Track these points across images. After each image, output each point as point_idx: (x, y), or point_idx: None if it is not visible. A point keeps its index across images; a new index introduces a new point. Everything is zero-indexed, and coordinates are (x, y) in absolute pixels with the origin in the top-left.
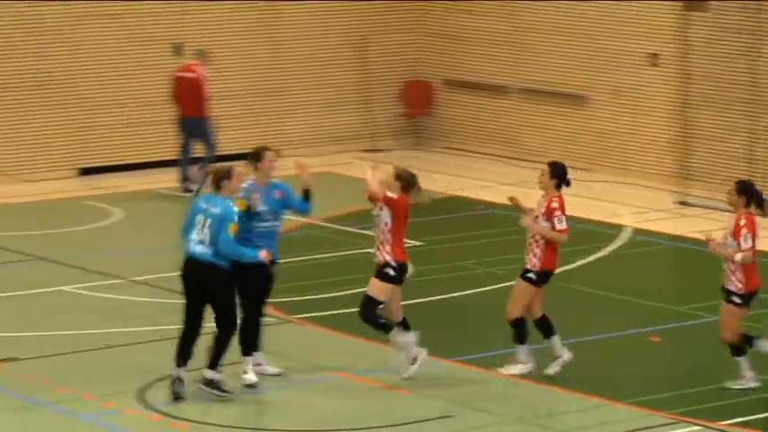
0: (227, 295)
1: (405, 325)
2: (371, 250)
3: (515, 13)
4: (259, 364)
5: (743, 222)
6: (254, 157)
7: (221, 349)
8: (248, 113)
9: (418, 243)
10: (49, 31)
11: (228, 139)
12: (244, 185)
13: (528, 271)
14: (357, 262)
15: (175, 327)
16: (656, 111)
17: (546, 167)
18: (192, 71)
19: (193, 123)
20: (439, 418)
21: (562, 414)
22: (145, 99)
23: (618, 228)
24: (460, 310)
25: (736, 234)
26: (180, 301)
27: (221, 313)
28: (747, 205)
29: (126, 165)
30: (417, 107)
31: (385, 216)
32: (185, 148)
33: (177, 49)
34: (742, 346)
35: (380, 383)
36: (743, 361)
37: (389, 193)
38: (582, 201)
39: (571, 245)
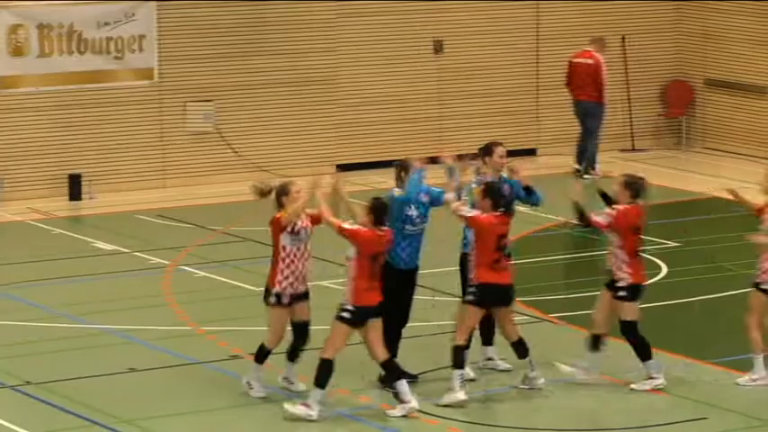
0: None
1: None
2: None
3: None
4: (491, 359)
5: None
6: (485, 151)
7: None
8: (502, 112)
9: (674, 243)
10: (310, 30)
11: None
12: (473, 180)
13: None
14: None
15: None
16: None
17: None
18: (590, 57)
19: (589, 107)
20: (693, 420)
21: None
22: (402, 97)
23: None
24: (714, 311)
25: None
26: None
27: None
28: None
29: (382, 161)
30: (677, 107)
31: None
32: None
33: (437, 47)
34: None
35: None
36: None
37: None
38: None
39: None
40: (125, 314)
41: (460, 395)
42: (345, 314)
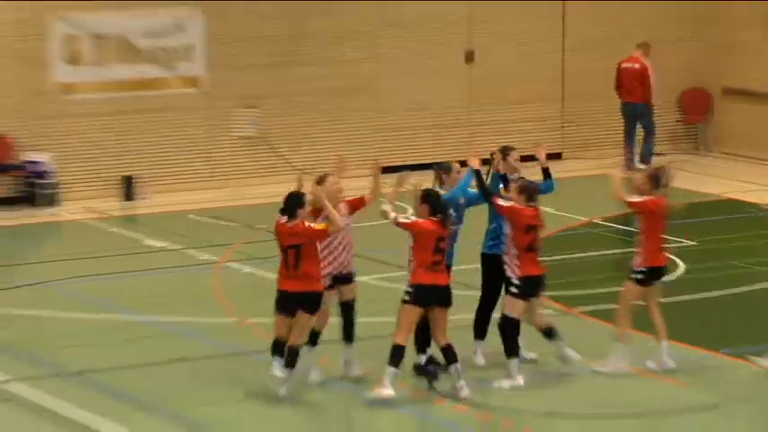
0: None
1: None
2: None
3: None
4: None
5: None
6: (503, 152)
7: None
8: (529, 118)
9: (691, 243)
10: (351, 41)
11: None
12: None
13: None
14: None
15: None
16: None
17: None
18: (636, 62)
19: (636, 109)
20: (705, 407)
21: None
22: (436, 103)
23: None
24: (728, 306)
25: None
26: None
27: None
28: None
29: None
30: (696, 114)
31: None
32: (630, 133)
33: (469, 57)
34: None
35: (648, 373)
36: None
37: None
38: None
39: None
40: (175, 307)
41: (389, 391)
42: (407, 296)
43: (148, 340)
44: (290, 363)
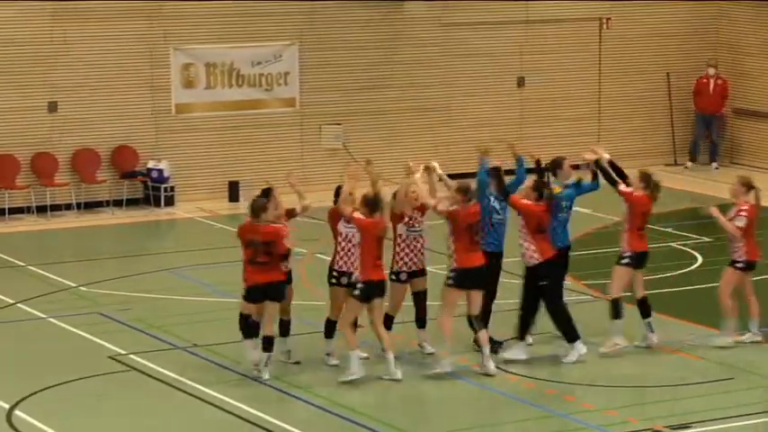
0: None
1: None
2: (673, 244)
3: None
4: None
5: None
6: (555, 164)
7: None
8: (571, 133)
9: (708, 239)
10: (424, 68)
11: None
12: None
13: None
14: (660, 254)
15: None
16: None
17: None
18: (710, 79)
19: (709, 119)
20: (722, 380)
21: None
22: (492, 121)
23: None
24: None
25: None
26: None
27: None
28: None
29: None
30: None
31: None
32: (697, 137)
33: (520, 82)
34: None
35: (676, 351)
36: None
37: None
38: None
39: None
40: None
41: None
42: (450, 280)
43: None
44: (267, 348)
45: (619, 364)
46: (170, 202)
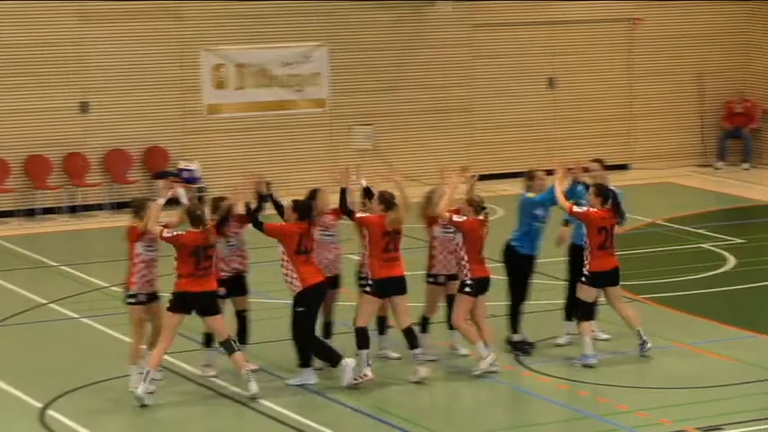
0: None
1: None
2: (705, 245)
3: None
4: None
5: None
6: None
7: None
8: (601, 134)
9: (740, 240)
10: (450, 70)
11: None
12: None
13: None
14: (691, 254)
15: None
16: None
17: None
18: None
19: (737, 134)
20: (757, 381)
21: None
22: (523, 122)
23: None
24: None
25: None
26: None
27: None
28: None
29: (506, 173)
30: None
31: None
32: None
33: (551, 82)
34: None
35: (707, 352)
36: None
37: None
38: None
39: None
40: None
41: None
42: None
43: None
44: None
45: (653, 365)
46: (200, 200)
